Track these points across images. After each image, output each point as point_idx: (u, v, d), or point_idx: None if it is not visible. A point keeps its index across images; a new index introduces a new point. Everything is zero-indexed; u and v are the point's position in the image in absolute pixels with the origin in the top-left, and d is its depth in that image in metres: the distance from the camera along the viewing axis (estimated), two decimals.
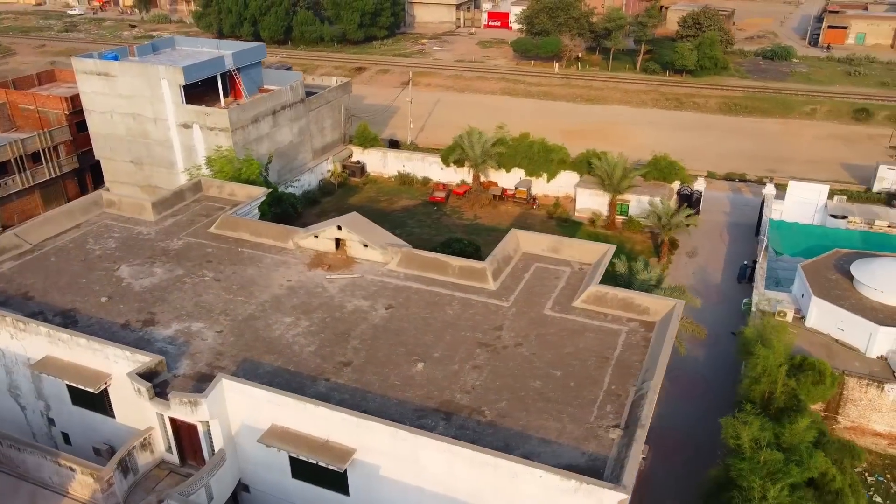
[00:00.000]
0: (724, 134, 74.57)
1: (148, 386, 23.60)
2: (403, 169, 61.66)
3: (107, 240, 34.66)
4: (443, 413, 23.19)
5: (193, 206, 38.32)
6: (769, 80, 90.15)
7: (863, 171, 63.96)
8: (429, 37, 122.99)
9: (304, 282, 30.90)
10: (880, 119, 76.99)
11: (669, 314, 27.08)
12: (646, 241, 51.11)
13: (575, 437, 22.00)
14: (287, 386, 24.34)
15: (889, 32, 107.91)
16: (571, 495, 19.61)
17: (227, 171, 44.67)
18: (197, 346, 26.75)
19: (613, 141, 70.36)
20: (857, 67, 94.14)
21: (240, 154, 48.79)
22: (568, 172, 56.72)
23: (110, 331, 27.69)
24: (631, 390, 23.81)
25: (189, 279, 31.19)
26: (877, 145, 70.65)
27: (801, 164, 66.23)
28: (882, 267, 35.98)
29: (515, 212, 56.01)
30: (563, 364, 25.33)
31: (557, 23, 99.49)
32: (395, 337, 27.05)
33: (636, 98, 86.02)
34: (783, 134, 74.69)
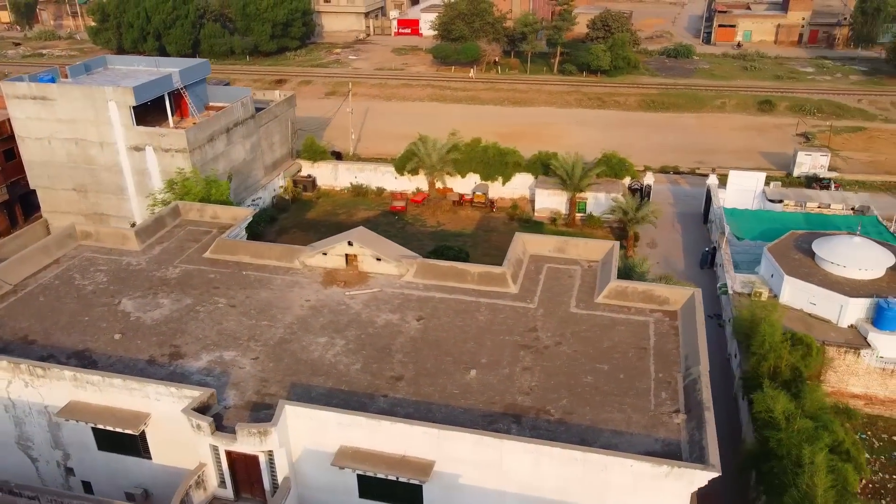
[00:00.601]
0: (649, 129, 78.69)
1: (209, 420, 22.75)
2: (356, 180, 61.32)
3: (94, 273, 32.79)
4: (511, 416, 23.74)
5: (177, 231, 36.84)
6: (678, 77, 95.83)
7: (779, 157, 69.40)
8: (341, 46, 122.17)
9: (324, 300, 30.51)
10: (782, 109, 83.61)
11: (689, 302, 28.81)
12: (607, 236, 53.33)
13: (642, 425, 23.13)
14: (346, 406, 24.09)
15: (772, 29, 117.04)
16: (662, 480, 20.69)
17: (196, 193, 43.05)
18: (237, 375, 25.96)
19: (549, 141, 72.67)
20: (752, 62, 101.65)
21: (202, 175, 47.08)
22: (522, 174, 58.31)
23: (136, 368, 26.39)
24: (678, 377, 25.22)
25: (202, 308, 30.09)
26: (785, 134, 76.70)
27: (724, 154, 71.00)
28: (840, 244, 39.51)
29: (476, 216, 56.99)
30: (606, 358, 26.45)
31: (473, 28, 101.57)
32: (436, 347, 27.30)
33: (560, 99, 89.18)
34: (701, 127, 79.74)
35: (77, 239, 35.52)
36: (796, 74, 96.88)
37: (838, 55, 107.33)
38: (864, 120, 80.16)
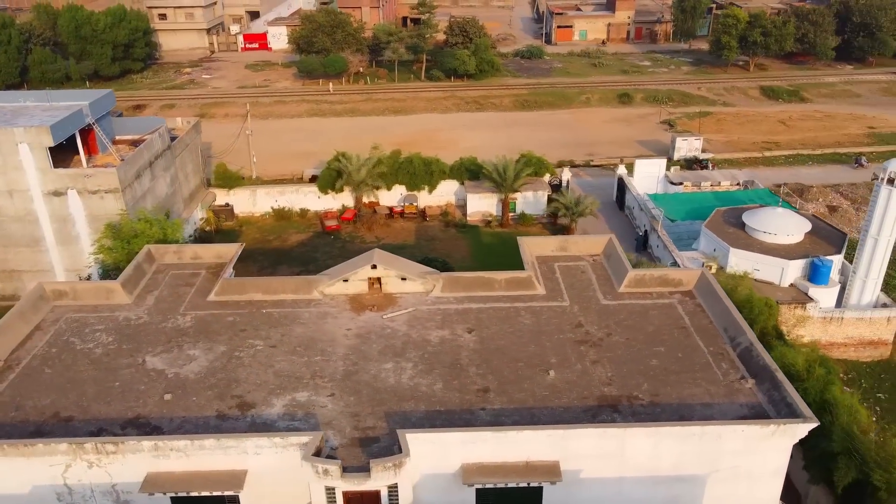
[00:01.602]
0: (531, 128, 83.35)
1: (338, 463, 22.06)
2: (277, 204, 59.46)
3: (93, 335, 29.80)
4: (608, 406, 25.31)
5: (160, 278, 34.26)
6: (539, 77, 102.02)
7: (653, 144, 76.76)
8: (188, 65, 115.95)
9: (365, 327, 30.14)
10: (639, 101, 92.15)
11: (702, 280, 32.05)
12: (543, 232, 56.42)
13: (721, 395, 25.67)
14: (452, 424, 24.41)
15: (603, 28, 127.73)
16: (769, 439, 23.31)
17: (149, 236, 39.94)
18: (324, 414, 25.16)
19: (445, 147, 74.79)
20: (598, 59, 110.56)
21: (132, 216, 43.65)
22: (448, 182, 59.79)
23: (208, 425, 24.69)
24: (727, 348, 28.14)
25: (241, 353, 28.54)
26: (649, 122, 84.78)
27: (606, 145, 77.17)
28: (767, 215, 45.30)
29: (411, 227, 57.63)
30: (658, 341, 28.81)
31: (336, 40, 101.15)
32: (502, 355, 28.15)
33: (439, 105, 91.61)
34: (576, 122, 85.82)
35: (50, 300, 31.91)
36: (638, 68, 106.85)
37: (663, 49, 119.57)
38: (707, 105, 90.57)
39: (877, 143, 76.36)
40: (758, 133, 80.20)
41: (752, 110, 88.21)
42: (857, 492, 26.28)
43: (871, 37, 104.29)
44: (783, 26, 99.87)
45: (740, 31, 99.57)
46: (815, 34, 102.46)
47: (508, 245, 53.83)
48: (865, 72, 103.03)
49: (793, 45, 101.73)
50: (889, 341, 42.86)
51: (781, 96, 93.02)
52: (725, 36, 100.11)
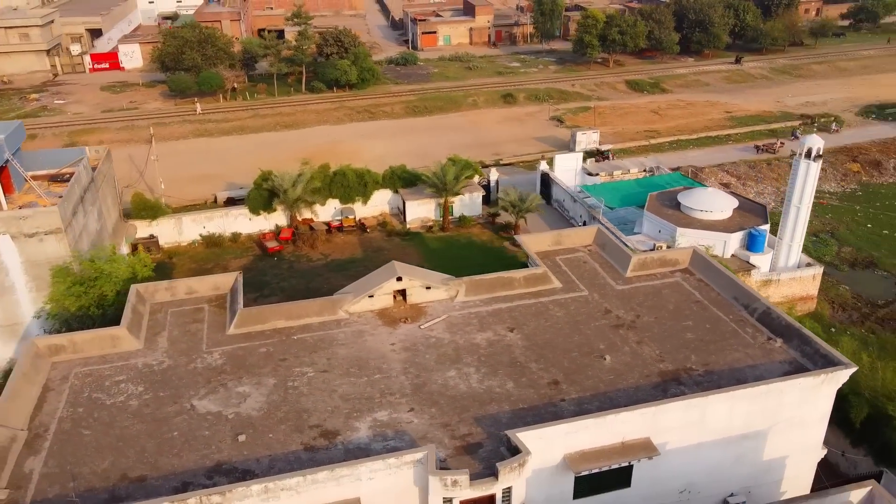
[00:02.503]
0: (429, 132, 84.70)
1: (465, 472, 22.06)
2: (205, 231, 56.21)
3: (118, 386, 27.30)
4: (671, 381, 27.19)
5: (159, 317, 31.86)
6: (421, 83, 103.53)
7: (551, 140, 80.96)
8: (30, 90, 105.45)
9: (409, 339, 29.99)
10: (522, 100, 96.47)
11: (695, 257, 35.03)
12: (485, 232, 57.92)
13: (761, 356, 28.43)
14: (543, 418, 25.15)
15: (466, 32, 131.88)
16: (820, 387, 26.27)
17: (119, 276, 36.66)
18: (414, 429, 24.93)
19: (350, 158, 73.96)
20: (471, 63, 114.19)
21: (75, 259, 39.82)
22: (379, 192, 59.61)
23: (300, 460, 23.66)
24: (745, 314, 31.09)
25: (295, 382, 27.41)
26: (539, 120, 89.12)
27: (508, 144, 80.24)
28: (700, 196, 49.87)
29: (353, 240, 56.84)
30: (682, 316, 31.23)
31: (207, 56, 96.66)
32: (553, 348, 29.22)
33: (330, 116, 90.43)
34: (471, 123, 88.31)
35: (46, 356, 28.68)
36: (510, 70, 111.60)
37: (526, 50, 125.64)
38: (584, 101, 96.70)
39: (737, 125, 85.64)
40: (637, 123, 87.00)
41: (625, 103, 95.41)
42: (871, 426, 30.17)
43: (706, 32, 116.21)
44: (635, 25, 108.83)
45: (599, 30, 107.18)
46: (659, 31, 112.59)
47: (456, 248, 55.14)
48: (706, 63, 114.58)
49: (644, 42, 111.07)
50: (815, 295, 48.90)
51: (645, 88, 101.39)
52: (587, 35, 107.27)
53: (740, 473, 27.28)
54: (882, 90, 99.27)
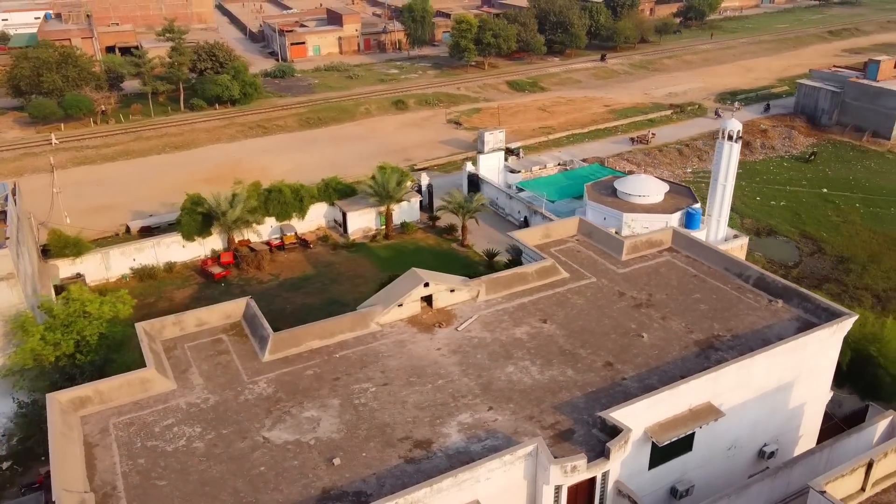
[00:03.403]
0: (332, 143, 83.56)
1: (583, 457, 22.83)
2: (136, 263, 52.18)
3: (172, 431, 25.34)
4: (710, 348, 29.44)
5: (177, 354, 29.70)
6: (306, 94, 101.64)
7: (456, 142, 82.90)
8: None
9: (452, 342, 30.16)
10: (413, 105, 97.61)
11: (676, 236, 37.97)
12: (429, 236, 58.36)
13: (771, 317, 31.46)
14: (615, 399, 26.47)
15: (335, 42, 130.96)
16: (832, 335, 29.71)
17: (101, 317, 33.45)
18: (502, 426, 25.30)
19: (260, 174, 71.23)
20: (350, 72, 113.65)
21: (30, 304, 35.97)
22: (315, 206, 58.33)
23: (407, 474, 23.31)
24: (739, 281, 34.23)
25: (361, 399, 26.78)
26: (437, 123, 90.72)
27: (415, 149, 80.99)
28: (635, 182, 53.59)
29: (298, 257, 55.13)
30: (688, 290, 33.81)
31: (68, 78, 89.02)
32: (591, 333, 30.59)
33: (223, 134, 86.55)
34: (371, 132, 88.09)
35: (71, 411, 25.91)
36: (392, 76, 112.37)
37: (400, 57, 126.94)
38: (472, 102, 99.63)
39: (620, 117, 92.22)
40: (529, 121, 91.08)
41: (511, 102, 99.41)
42: (855, 368, 34.36)
43: (567, 32, 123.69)
44: (507, 28, 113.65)
45: (474, 34, 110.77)
46: (526, 34, 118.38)
47: (406, 255, 55.30)
48: (572, 62, 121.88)
49: (515, 44, 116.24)
50: None
51: (526, 88, 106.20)
52: (463, 40, 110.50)
53: (773, 424, 30.20)
54: (726, 79, 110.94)
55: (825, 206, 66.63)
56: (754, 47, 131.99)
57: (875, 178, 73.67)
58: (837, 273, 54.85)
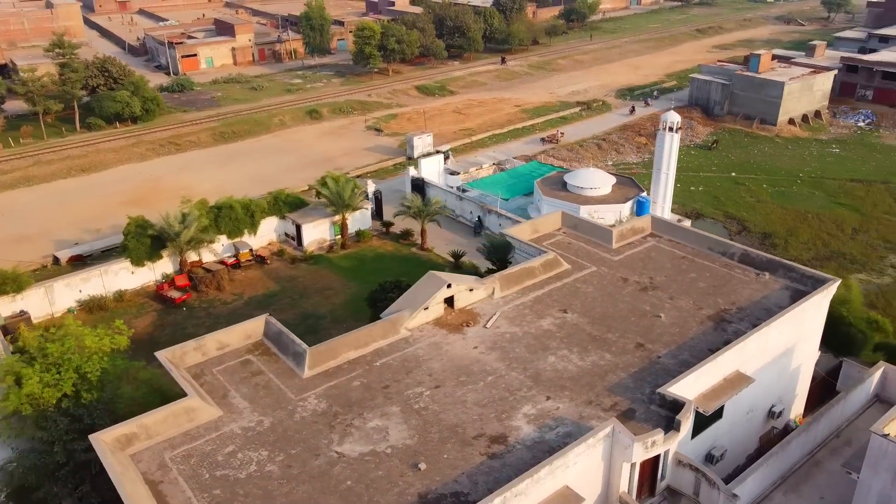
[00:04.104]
0: (253, 156, 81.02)
1: (660, 432, 24.02)
2: (82, 295, 48.54)
3: (237, 457, 24.29)
4: (724, 321, 31.63)
5: (209, 380, 28.37)
6: (211, 108, 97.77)
7: (383, 148, 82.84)
8: None
9: (487, 340, 30.64)
10: (327, 114, 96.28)
11: (655, 222, 40.34)
12: (386, 243, 58.02)
13: (764, 288, 34.07)
14: (658, 377, 27.97)
15: (228, 53, 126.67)
16: (821, 301, 32.82)
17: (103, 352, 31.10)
18: (566, 413, 26.11)
19: (188, 192, 67.70)
20: (253, 83, 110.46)
21: None
22: (265, 220, 56.57)
23: (494, 469, 23.63)
24: (726, 259, 36.87)
25: (419, 403, 26.76)
26: (356, 131, 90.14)
27: (342, 157, 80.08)
28: (584, 176, 56.12)
29: (257, 274, 53.18)
30: (682, 271, 36.05)
31: None
32: (612, 318, 31.99)
33: (132, 153, 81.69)
34: (291, 143, 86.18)
35: (118, 450, 24.17)
36: (297, 86, 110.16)
37: (296, 66, 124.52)
38: (385, 109, 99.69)
39: (533, 116, 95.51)
40: (447, 123, 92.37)
41: (425, 106, 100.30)
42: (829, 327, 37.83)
43: (464, 37, 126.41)
44: (409, 34, 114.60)
45: (377, 41, 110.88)
46: (425, 39, 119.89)
47: (369, 263, 55.05)
48: (473, 65, 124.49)
49: (417, 49, 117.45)
50: None
51: (435, 92, 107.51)
52: (367, 46, 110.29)
53: (779, 386, 32.93)
54: (619, 76, 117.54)
55: (738, 189, 72.41)
56: (637, 46, 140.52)
57: (771, 160, 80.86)
58: (765, 248, 59.74)
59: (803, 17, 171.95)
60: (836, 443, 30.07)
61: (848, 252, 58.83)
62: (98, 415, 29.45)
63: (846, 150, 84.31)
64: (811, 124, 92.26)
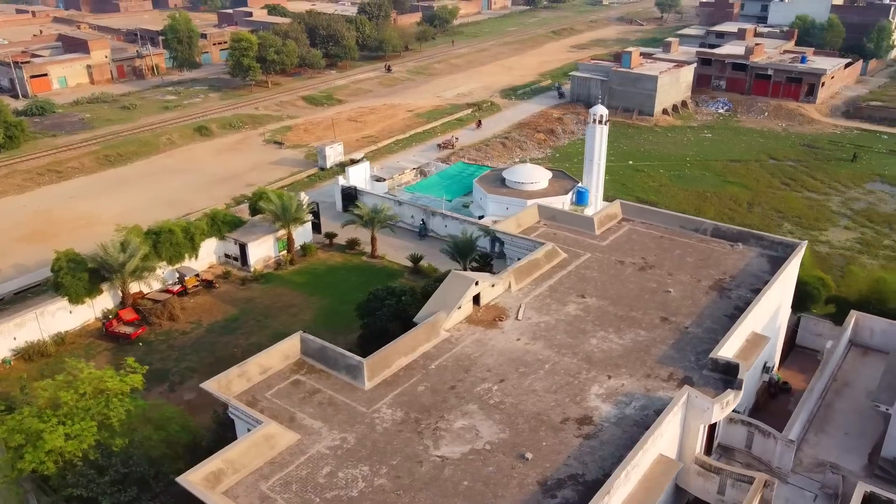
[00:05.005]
0: (150, 178, 75.75)
1: (731, 393, 26.02)
2: (17, 342, 43.45)
3: (338, 477, 23.57)
4: (721, 290, 34.53)
5: (267, 405, 26.96)
6: (86, 131, 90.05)
7: (291, 161, 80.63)
8: None
9: (523, 331, 31.46)
10: (216, 130, 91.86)
11: (623, 207, 43.01)
12: (334, 254, 56.69)
13: (742, 257, 37.56)
14: (693, 344, 30.18)
15: (84, 72, 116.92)
16: (796, 262, 36.72)
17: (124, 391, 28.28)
18: (633, 388, 27.56)
19: (90, 222, 64.29)
20: (123, 102, 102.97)
21: None
22: (204, 243, 53.47)
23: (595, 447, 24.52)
24: (699, 234, 40.09)
25: (494, 399, 27.12)
26: (255, 145, 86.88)
27: (250, 173, 76.81)
28: (523, 172, 58.26)
29: (209, 300, 50.02)
30: (666, 249, 38.77)
31: None
32: (628, 298, 33.92)
33: (7, 184, 73.13)
34: (188, 162, 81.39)
35: (211, 488, 22.48)
36: (173, 103, 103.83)
37: (163, 82, 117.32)
38: (277, 121, 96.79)
39: (430, 120, 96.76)
40: (347, 132, 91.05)
41: (317, 117, 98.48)
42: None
43: (338, 45, 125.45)
44: (287, 44, 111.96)
45: (255, 52, 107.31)
46: (300, 48, 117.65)
47: (326, 276, 54.24)
48: (350, 73, 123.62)
49: (296, 59, 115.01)
50: None
51: (322, 102, 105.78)
52: (245, 58, 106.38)
53: (770, 344, 36.41)
54: (497, 77, 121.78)
55: (639, 175, 78.02)
56: (503, 48, 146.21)
57: (658, 147, 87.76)
58: None
59: (640, 17, 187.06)
60: (836, 385, 33.90)
61: (750, 224, 65.18)
62: (137, 461, 27.00)
63: (716, 134, 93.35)
64: (680, 113, 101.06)
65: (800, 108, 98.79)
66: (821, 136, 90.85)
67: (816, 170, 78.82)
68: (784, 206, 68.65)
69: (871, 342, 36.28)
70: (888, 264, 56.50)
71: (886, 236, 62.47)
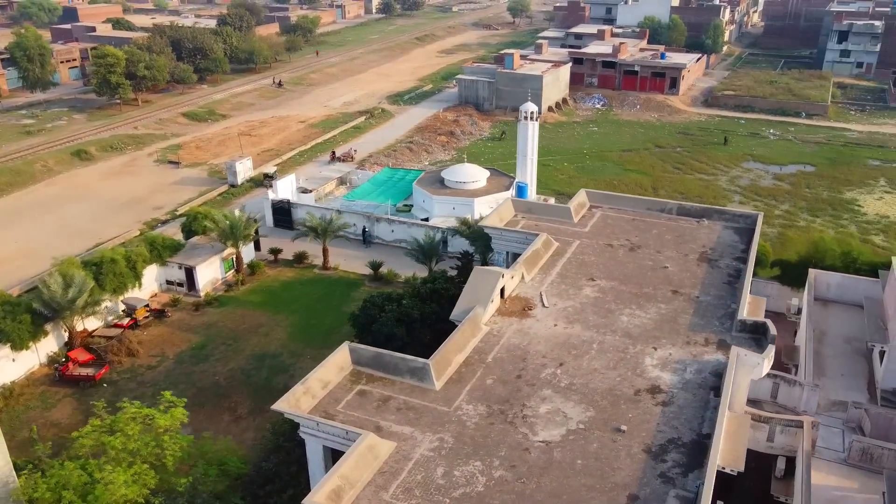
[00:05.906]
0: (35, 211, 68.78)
1: (772, 348, 28.61)
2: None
3: (454, 475, 23.41)
4: (709, 260, 37.59)
5: (345, 418, 26.07)
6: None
7: (195, 180, 76.44)
8: None
9: (556, 317, 32.55)
10: (97, 154, 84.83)
11: (590, 195, 45.40)
12: (285, 270, 54.49)
13: (711, 230, 41.04)
14: (712, 312, 32.77)
15: None
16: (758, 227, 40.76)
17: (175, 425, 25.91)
18: (679, 356, 29.45)
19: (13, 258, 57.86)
20: None
21: None
22: (146, 270, 49.65)
23: (670, 414, 26.11)
24: (666, 215, 43.19)
25: (562, 382, 27.95)
26: (148, 167, 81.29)
27: (155, 196, 72.03)
28: (462, 171, 59.43)
29: (164, 330, 46.40)
30: (643, 230, 41.44)
31: None
32: (632, 278, 36.00)
33: None
34: (81, 189, 74.53)
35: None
36: (35, 127, 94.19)
37: (12, 105, 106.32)
38: (162, 140, 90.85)
39: (327, 129, 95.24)
40: (245, 147, 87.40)
41: (206, 132, 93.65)
42: None
43: (207, 58, 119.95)
44: (157, 59, 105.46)
45: (122, 69, 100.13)
46: (169, 62, 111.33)
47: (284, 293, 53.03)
48: (223, 87, 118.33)
49: (167, 74, 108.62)
50: None
51: (206, 118, 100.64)
52: (113, 75, 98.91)
53: None
54: (377, 84, 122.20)
55: (548, 170, 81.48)
56: (374, 56, 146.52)
57: (554, 143, 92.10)
58: None
59: (494, 22, 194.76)
60: (816, 335, 38.03)
61: None
62: (206, 500, 25.03)
63: (601, 127, 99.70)
64: (563, 110, 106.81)
65: (667, 100, 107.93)
66: (691, 124, 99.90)
67: (698, 153, 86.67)
68: (684, 188, 74.88)
69: (828, 295, 41.04)
70: (785, 231, 63.64)
71: (775, 207, 70.15)
